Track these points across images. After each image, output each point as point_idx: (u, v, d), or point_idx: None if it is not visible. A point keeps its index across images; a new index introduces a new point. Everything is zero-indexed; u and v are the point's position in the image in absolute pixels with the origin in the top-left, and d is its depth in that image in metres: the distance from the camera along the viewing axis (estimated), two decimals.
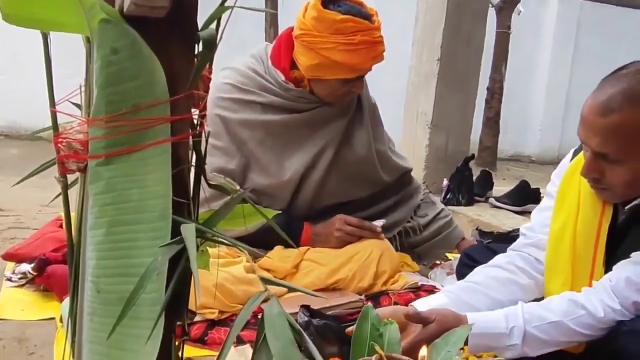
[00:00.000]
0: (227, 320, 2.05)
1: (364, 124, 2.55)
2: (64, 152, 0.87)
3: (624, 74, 1.58)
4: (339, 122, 2.46)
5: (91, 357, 0.88)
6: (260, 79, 2.36)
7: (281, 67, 2.36)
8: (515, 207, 4.57)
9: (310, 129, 2.41)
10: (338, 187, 2.48)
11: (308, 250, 2.35)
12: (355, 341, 1.17)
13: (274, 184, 2.38)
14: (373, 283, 2.30)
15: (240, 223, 1.02)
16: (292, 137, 2.39)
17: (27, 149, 6.03)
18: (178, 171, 0.86)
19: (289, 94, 2.36)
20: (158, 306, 0.81)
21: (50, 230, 2.65)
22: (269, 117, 2.35)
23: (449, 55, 4.72)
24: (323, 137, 2.42)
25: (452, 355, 1.13)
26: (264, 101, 2.35)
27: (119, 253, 0.85)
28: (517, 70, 8.61)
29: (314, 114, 2.41)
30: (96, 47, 0.83)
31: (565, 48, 9.62)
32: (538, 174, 7.77)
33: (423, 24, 4.88)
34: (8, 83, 6.84)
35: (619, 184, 1.59)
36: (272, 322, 0.74)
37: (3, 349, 1.86)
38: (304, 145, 2.39)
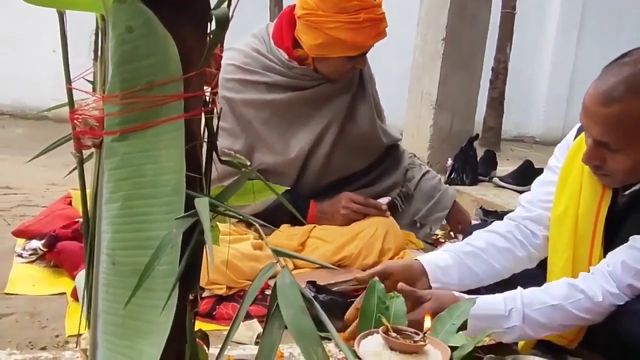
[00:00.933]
0: (234, 295, 2.07)
1: (367, 99, 2.59)
2: (80, 128, 0.89)
3: (626, 62, 1.56)
4: (342, 98, 2.49)
5: (106, 327, 0.90)
6: (263, 59, 2.38)
7: (284, 46, 2.38)
8: (519, 187, 4.57)
9: (315, 106, 2.44)
10: (343, 161, 2.51)
11: (314, 228, 2.37)
12: (362, 314, 1.20)
13: (281, 162, 2.40)
14: (378, 260, 2.31)
15: (249, 199, 1.04)
16: (296, 115, 2.41)
17: (32, 128, 6.03)
18: (191, 147, 0.88)
19: (292, 72, 2.38)
20: (172, 277, 0.82)
21: (59, 208, 2.67)
22: (273, 96, 2.37)
23: (453, 35, 4.71)
24: (327, 114, 2.44)
25: (455, 327, 1.16)
26: (268, 81, 2.37)
27: (134, 226, 0.87)
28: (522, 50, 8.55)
29: (318, 91, 2.43)
30: (111, 26, 0.84)
31: (570, 28, 9.55)
32: (542, 154, 7.74)
33: (428, 3, 4.87)
34: (13, 62, 6.82)
35: (620, 171, 1.60)
36: (284, 292, 0.76)
37: (16, 322, 1.88)
38: (309, 123, 2.41)
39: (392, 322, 1.15)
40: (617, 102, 1.50)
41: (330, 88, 2.46)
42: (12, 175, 3.75)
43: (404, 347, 1.10)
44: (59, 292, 2.11)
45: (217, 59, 0.93)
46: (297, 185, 2.44)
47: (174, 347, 0.88)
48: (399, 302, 1.19)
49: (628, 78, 1.50)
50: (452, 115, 4.85)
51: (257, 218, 0.94)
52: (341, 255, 2.29)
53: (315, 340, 0.75)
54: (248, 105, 2.36)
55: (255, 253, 2.14)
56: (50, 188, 3.53)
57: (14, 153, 4.44)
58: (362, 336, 1.14)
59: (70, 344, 1.76)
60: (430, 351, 1.11)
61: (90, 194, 0.94)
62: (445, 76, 4.76)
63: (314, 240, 2.35)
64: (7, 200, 3.24)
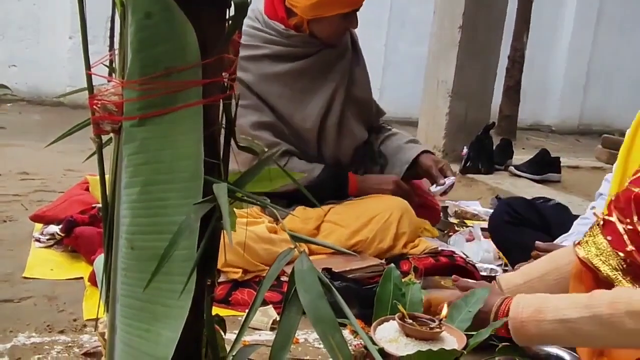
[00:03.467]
0: (250, 281, 2.08)
1: (361, 63, 2.63)
2: (99, 113, 0.89)
3: None
4: (342, 63, 2.53)
5: (125, 311, 0.91)
6: (261, 34, 2.42)
7: (278, 17, 2.41)
8: (534, 176, 4.56)
9: (320, 73, 2.47)
10: (353, 125, 2.55)
11: (329, 212, 2.38)
12: (378, 300, 1.19)
13: (301, 132, 2.45)
14: (393, 244, 2.33)
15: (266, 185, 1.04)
16: (305, 84, 2.45)
17: (48, 114, 6.06)
18: (209, 133, 0.88)
19: (291, 41, 2.42)
20: (190, 262, 0.82)
21: (76, 193, 2.69)
22: (279, 67, 2.41)
23: (470, 23, 4.68)
24: (333, 80, 2.48)
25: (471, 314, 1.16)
26: (269, 52, 2.40)
27: (153, 211, 0.87)
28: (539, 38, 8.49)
29: (319, 58, 2.46)
30: (130, 11, 0.84)
31: (588, 16, 9.44)
32: (558, 143, 7.71)
33: None
34: (29, 50, 6.86)
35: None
36: (302, 277, 0.76)
37: (34, 306, 1.90)
38: (318, 91, 2.46)
39: (408, 309, 1.16)
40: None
41: (329, 54, 2.49)
42: (30, 161, 3.78)
43: (420, 334, 1.10)
44: (77, 276, 2.13)
45: (235, 44, 0.93)
46: (319, 151, 2.50)
47: (192, 331, 0.89)
48: (415, 289, 1.19)
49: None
50: (468, 104, 4.82)
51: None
52: (356, 240, 2.29)
53: (333, 326, 0.75)
54: (260, 81, 2.39)
55: (271, 236, 2.17)
56: (67, 174, 3.56)
57: (31, 139, 4.47)
58: (378, 322, 1.14)
59: (87, 327, 1.78)
60: (446, 338, 1.12)
61: (109, 179, 0.94)
62: (461, 64, 4.73)
63: (328, 225, 2.35)
64: (25, 185, 3.27)
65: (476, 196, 3.94)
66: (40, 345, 1.67)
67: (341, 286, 1.93)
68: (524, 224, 2.21)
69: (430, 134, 4.95)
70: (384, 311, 1.18)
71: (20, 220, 2.65)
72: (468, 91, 4.80)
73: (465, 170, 4.49)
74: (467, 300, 1.27)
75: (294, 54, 2.44)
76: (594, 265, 1.49)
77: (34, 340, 1.69)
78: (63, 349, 1.65)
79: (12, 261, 2.22)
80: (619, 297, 1.31)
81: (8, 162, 3.72)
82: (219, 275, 2.03)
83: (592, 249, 1.52)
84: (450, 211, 3.28)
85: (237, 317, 1.90)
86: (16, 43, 6.85)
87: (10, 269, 2.15)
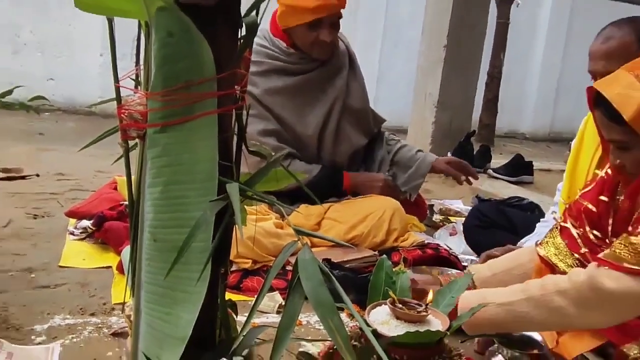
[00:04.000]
0: (258, 270, 2.08)
1: (358, 78, 2.60)
2: (126, 121, 0.89)
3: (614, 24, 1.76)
4: (339, 77, 2.49)
5: (148, 296, 0.91)
6: (267, 50, 2.40)
7: (279, 35, 2.40)
8: (510, 178, 4.56)
9: (319, 88, 2.44)
10: (350, 133, 2.52)
11: (329, 210, 2.37)
12: (371, 287, 1.19)
13: (302, 139, 2.43)
14: (385, 239, 2.32)
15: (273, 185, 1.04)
16: (305, 98, 2.42)
17: (81, 122, 6.06)
18: (223, 139, 0.88)
19: (292, 58, 2.40)
20: (206, 253, 0.83)
21: (106, 192, 2.69)
22: (282, 82, 2.39)
23: (454, 43, 4.68)
24: (331, 93, 2.45)
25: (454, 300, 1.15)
26: (274, 68, 2.39)
27: (173, 208, 0.87)
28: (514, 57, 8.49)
29: (317, 74, 2.44)
30: (154, 31, 0.84)
31: (558, 38, 9.47)
32: (531, 149, 7.71)
33: (432, 14, 4.83)
34: (64, 66, 6.87)
35: None
36: (304, 266, 0.76)
37: (68, 291, 1.90)
38: (317, 103, 2.43)
39: (398, 295, 1.15)
40: (613, 38, 1.69)
41: (327, 70, 2.47)
42: (65, 163, 3.78)
43: (409, 317, 1.10)
44: (106, 265, 2.12)
45: (246, 61, 0.93)
46: (319, 155, 2.47)
47: (207, 314, 0.89)
48: (404, 278, 1.19)
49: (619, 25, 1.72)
50: (452, 114, 4.82)
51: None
52: (353, 234, 2.29)
53: (332, 310, 0.75)
54: (266, 94, 2.38)
55: (278, 231, 2.16)
56: (98, 175, 3.56)
57: (66, 144, 4.46)
58: (371, 307, 1.14)
59: (115, 310, 1.77)
60: (431, 320, 1.11)
61: (135, 180, 0.94)
62: (446, 79, 4.73)
63: (328, 221, 2.35)
64: (61, 185, 3.26)
65: (459, 195, 3.93)
66: (74, 326, 1.67)
67: (339, 275, 1.93)
68: (494, 226, 2.20)
69: (418, 140, 4.94)
70: (377, 297, 1.17)
71: (56, 216, 2.65)
72: (452, 103, 4.79)
73: None
74: (450, 287, 1.27)
75: (296, 70, 2.42)
76: (552, 263, 1.53)
77: (68, 322, 1.69)
78: (94, 330, 1.65)
79: (49, 252, 2.22)
80: (548, 280, 1.38)
81: (46, 164, 3.72)
82: (231, 265, 2.03)
83: (551, 249, 1.56)
84: (436, 209, 3.27)
85: (247, 302, 1.90)
86: (53, 59, 6.85)
87: (48, 259, 2.15)
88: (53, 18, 6.72)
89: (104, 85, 6.70)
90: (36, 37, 6.76)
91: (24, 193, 3.02)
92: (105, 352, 1.53)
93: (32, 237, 2.37)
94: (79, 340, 1.58)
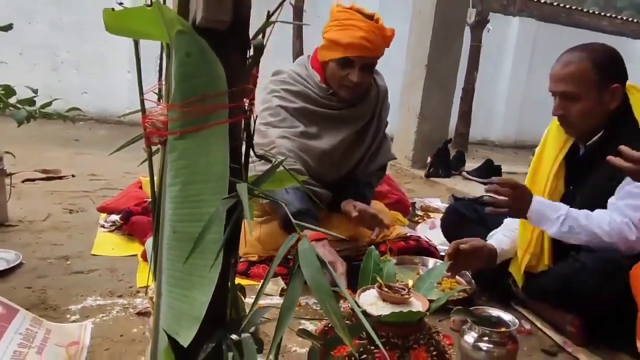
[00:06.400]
0: (265, 259, 2.08)
1: (372, 130, 2.38)
2: (150, 129, 0.89)
3: (573, 48, 1.75)
4: (357, 123, 2.31)
5: (168, 280, 0.90)
6: (302, 80, 2.24)
7: (317, 67, 2.24)
8: (482, 179, 4.57)
9: (337, 124, 2.27)
10: (349, 165, 2.34)
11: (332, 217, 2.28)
12: (361, 274, 1.19)
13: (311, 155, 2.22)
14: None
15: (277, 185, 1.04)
16: (322, 126, 2.25)
17: (111, 130, 6.07)
18: (233, 145, 0.87)
19: (322, 93, 2.22)
20: (219, 243, 0.82)
21: (132, 190, 2.69)
22: (308, 106, 2.22)
23: (433, 63, 4.69)
24: (343, 133, 2.27)
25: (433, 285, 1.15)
26: (305, 94, 2.23)
27: (190, 204, 0.87)
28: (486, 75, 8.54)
29: (341, 114, 2.26)
30: (174, 52, 0.83)
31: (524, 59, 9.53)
32: (500, 155, 7.72)
33: (414, 38, 4.84)
34: (97, 80, 6.88)
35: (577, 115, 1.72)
36: (304, 255, 0.76)
37: (99, 276, 1.90)
38: (328, 135, 2.25)
39: (385, 280, 1.15)
40: (571, 64, 1.69)
41: (350, 113, 2.28)
42: (97, 165, 3.78)
43: (394, 299, 1.10)
44: (132, 254, 2.13)
45: (254, 77, 0.93)
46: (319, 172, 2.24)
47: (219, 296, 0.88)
48: (389, 265, 1.19)
49: (576, 51, 1.72)
50: (432, 124, 4.83)
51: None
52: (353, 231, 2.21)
53: (328, 293, 0.75)
54: (295, 111, 2.21)
55: (281, 231, 2.07)
56: (125, 175, 3.56)
57: (98, 149, 4.47)
58: (361, 290, 1.14)
59: (140, 293, 1.78)
60: (413, 302, 1.11)
61: (157, 180, 0.94)
62: (427, 94, 4.74)
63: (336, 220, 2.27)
64: (93, 184, 3.27)
65: (437, 194, 3.94)
66: (104, 306, 1.67)
67: None
68: (467, 221, 2.21)
69: (403, 146, 4.95)
70: (366, 282, 1.17)
71: (89, 211, 2.65)
72: (432, 115, 4.80)
73: (429, 174, 4.50)
74: (429, 274, 1.27)
75: (322, 103, 2.24)
76: None
77: (99, 303, 1.69)
78: (121, 309, 1.65)
79: (82, 242, 2.22)
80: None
81: (80, 166, 3.72)
82: (240, 258, 2.02)
83: None
84: (417, 206, 3.28)
85: (254, 286, 1.90)
86: (87, 75, 6.85)
87: (81, 248, 2.16)
88: (87, 40, 6.72)
89: (130, 98, 6.71)
90: (72, 56, 6.77)
91: (61, 191, 3.02)
92: (131, 328, 1.53)
93: (68, 229, 2.38)
94: (108, 319, 1.59)
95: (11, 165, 3.34)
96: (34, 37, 6.60)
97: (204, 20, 0.78)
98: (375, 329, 1.02)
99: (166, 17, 0.80)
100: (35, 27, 6.60)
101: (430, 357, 1.04)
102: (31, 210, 2.58)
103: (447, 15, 4.63)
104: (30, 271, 1.89)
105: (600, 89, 1.67)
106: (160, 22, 0.81)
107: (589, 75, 1.66)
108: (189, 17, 0.84)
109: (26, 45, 6.56)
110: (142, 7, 0.79)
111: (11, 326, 1.22)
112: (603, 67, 1.67)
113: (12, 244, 2.11)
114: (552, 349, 1.67)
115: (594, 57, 1.67)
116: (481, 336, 1.49)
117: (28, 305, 1.59)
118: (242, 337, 0.87)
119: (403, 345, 1.04)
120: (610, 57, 1.70)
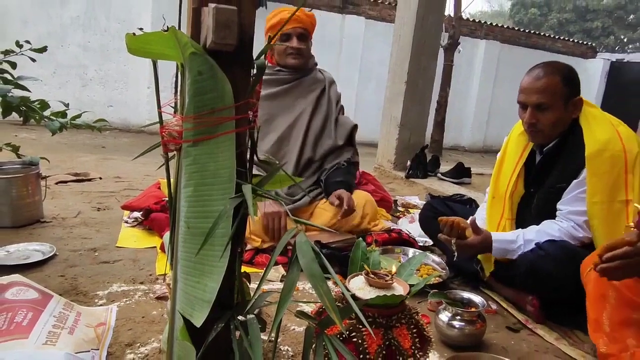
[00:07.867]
0: (267, 249, 2.07)
1: (325, 100, 2.42)
2: (166, 138, 0.88)
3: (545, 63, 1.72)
4: (311, 95, 2.38)
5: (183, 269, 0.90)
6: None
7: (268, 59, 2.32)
8: (454, 180, 4.58)
9: (294, 98, 2.34)
10: (313, 141, 2.36)
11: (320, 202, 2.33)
12: (351, 262, 1.19)
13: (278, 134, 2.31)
14: (360, 221, 2.30)
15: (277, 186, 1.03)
16: (281, 103, 2.32)
17: (133, 139, 6.04)
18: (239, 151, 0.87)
19: (272, 71, 2.34)
20: (227, 237, 0.82)
21: (151, 191, 2.68)
22: (269, 90, 2.31)
23: (412, 79, 4.69)
24: (301, 105, 2.35)
25: (412, 271, 1.15)
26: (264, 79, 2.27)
27: (201, 203, 0.86)
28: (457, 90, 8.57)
29: (295, 86, 2.34)
30: (187, 71, 0.83)
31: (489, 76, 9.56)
32: (469, 158, 7.75)
33: (396, 57, 4.84)
34: (121, 94, 6.84)
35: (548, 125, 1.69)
36: (301, 246, 0.76)
37: (123, 266, 1.89)
38: (289, 110, 2.33)
39: (371, 267, 1.15)
40: (543, 78, 1.65)
41: (303, 85, 2.36)
42: (121, 169, 3.76)
43: (379, 284, 1.10)
44: (152, 246, 2.12)
45: (257, 93, 0.93)
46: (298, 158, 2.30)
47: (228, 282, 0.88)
48: (375, 255, 1.18)
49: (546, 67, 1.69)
50: (411, 132, 4.83)
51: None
52: (335, 219, 2.24)
53: (321, 279, 0.74)
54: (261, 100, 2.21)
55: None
56: (146, 178, 3.54)
57: (122, 155, 4.44)
58: (351, 277, 1.14)
59: (159, 280, 1.77)
60: (396, 287, 1.11)
61: (173, 182, 0.94)
62: (407, 106, 4.74)
63: (319, 210, 2.31)
64: (118, 185, 3.25)
65: (416, 193, 3.94)
66: (127, 291, 1.66)
67: (327, 252, 1.93)
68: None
69: (385, 151, 4.96)
70: (355, 269, 1.17)
71: (114, 209, 2.63)
72: (411, 124, 4.80)
73: (409, 175, 4.50)
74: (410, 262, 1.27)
75: (279, 80, 2.33)
76: None
77: (123, 289, 1.68)
78: (142, 294, 1.64)
79: (108, 236, 2.20)
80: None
81: (107, 170, 3.70)
82: (246, 245, 2.02)
83: None
84: (399, 203, 3.28)
85: (258, 273, 1.90)
86: (113, 90, 6.82)
87: (108, 241, 2.14)
88: (112, 60, 6.70)
89: (150, 111, 6.69)
90: (99, 74, 6.73)
91: (89, 192, 3.00)
92: (151, 311, 1.52)
93: (96, 224, 2.36)
94: (131, 303, 1.58)
95: (46, 169, 3.33)
96: (66, 58, 6.57)
97: (213, 43, 0.78)
98: (363, 310, 1.02)
99: (181, 40, 0.80)
100: (66, 49, 6.57)
101: (411, 334, 1.04)
102: (63, 209, 2.56)
103: (424, 39, 4.64)
104: (63, 261, 1.87)
105: (566, 100, 1.67)
106: (175, 45, 0.81)
107: (559, 88, 1.64)
108: (200, 41, 0.84)
109: (59, 65, 6.53)
110: (160, 32, 0.79)
111: (46, 309, 1.21)
112: (570, 81, 1.66)
113: (47, 238, 2.09)
114: (516, 326, 1.67)
115: (563, 73, 1.66)
116: (454, 315, 1.49)
117: (61, 291, 1.58)
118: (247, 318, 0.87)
119: (387, 324, 1.03)
120: (573, 73, 1.69)
